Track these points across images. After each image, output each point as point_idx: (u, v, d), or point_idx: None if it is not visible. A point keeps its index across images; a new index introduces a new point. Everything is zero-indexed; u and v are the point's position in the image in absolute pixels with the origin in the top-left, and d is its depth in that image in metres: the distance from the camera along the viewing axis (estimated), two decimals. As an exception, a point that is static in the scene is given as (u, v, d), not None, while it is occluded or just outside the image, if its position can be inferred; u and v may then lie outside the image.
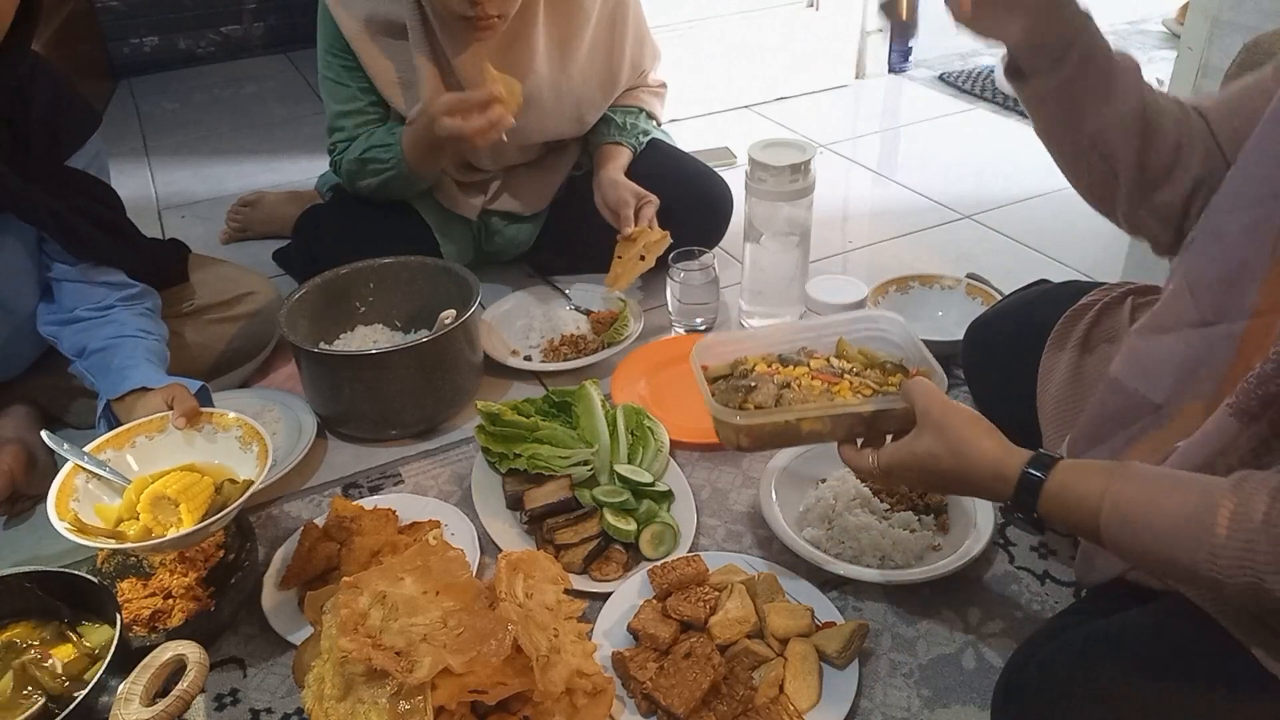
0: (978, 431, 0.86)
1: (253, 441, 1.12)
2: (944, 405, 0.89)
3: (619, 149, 1.73)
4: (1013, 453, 0.83)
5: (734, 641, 1.00)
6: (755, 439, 1.00)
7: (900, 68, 3.02)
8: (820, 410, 0.97)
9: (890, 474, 0.93)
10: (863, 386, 1.01)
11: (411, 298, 1.57)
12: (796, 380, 1.02)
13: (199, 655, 1.02)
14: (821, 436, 0.99)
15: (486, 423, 1.31)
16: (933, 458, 0.87)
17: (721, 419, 0.98)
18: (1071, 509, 0.78)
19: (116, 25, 3.29)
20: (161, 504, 1.06)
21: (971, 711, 0.98)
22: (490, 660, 0.86)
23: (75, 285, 1.31)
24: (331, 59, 1.58)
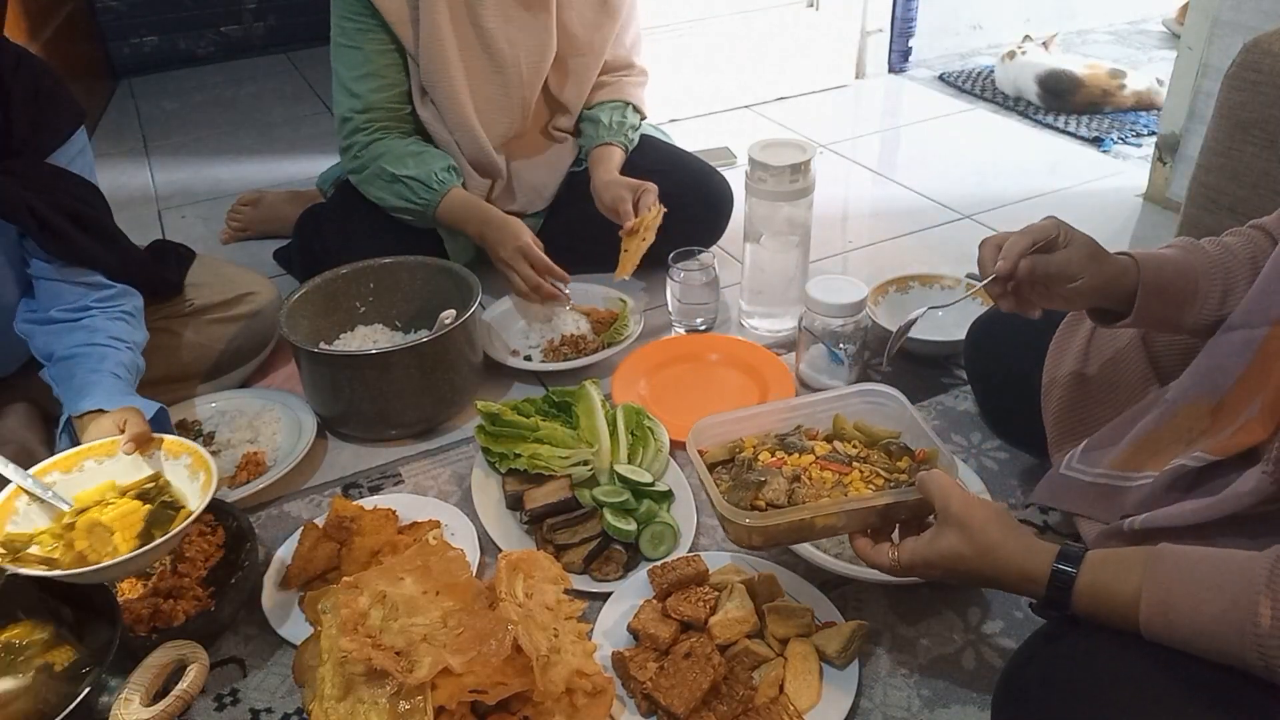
0: (1002, 529, 0.84)
1: (200, 471, 1.10)
2: (964, 502, 0.87)
3: (609, 150, 1.73)
4: (1037, 550, 0.81)
5: (734, 641, 1.00)
6: (768, 539, 0.97)
7: (900, 68, 3.02)
8: (835, 506, 0.95)
9: (912, 570, 0.91)
10: (873, 476, 1.00)
11: (411, 298, 1.57)
12: (806, 472, 1.00)
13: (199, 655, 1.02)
14: (834, 530, 0.98)
15: (486, 423, 1.31)
16: (958, 558, 0.85)
17: (733, 520, 0.94)
18: (1105, 605, 0.76)
19: (116, 25, 3.30)
20: (97, 531, 1.03)
21: (971, 711, 0.98)
22: (490, 660, 0.86)
23: (52, 284, 1.28)
24: (346, 24, 1.59)
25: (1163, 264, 0.95)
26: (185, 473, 1.12)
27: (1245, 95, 1.44)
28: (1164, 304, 0.95)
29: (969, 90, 2.84)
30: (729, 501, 0.97)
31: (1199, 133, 1.65)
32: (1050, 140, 2.50)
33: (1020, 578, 0.81)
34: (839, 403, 1.11)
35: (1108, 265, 0.94)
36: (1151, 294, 0.94)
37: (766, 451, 1.04)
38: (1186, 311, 0.95)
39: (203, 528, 1.17)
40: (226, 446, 1.40)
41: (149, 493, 1.10)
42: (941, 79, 2.95)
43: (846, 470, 1.00)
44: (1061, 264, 0.93)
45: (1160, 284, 0.94)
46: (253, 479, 1.32)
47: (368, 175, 1.64)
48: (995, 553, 0.83)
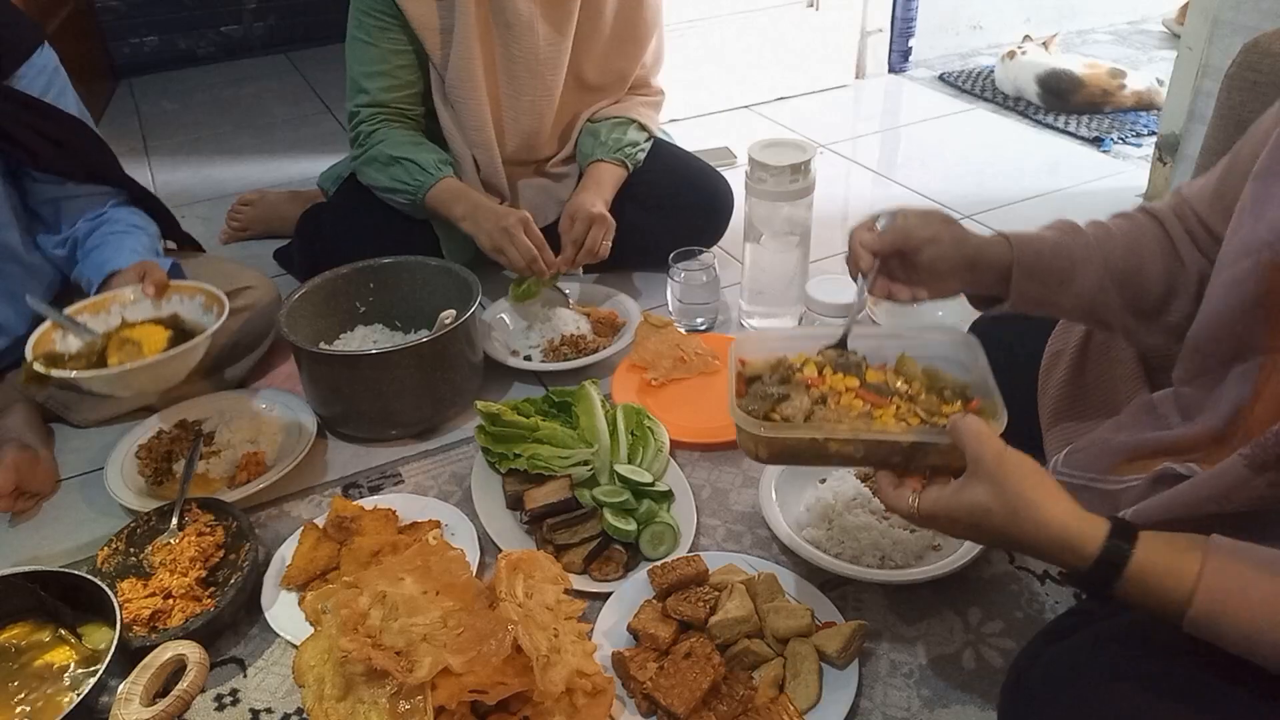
0: (1042, 490, 0.76)
1: (213, 305, 1.24)
2: (999, 454, 0.78)
3: (599, 167, 1.70)
4: (1087, 521, 0.74)
5: (734, 641, 1.00)
6: (775, 453, 0.92)
7: (900, 68, 3.02)
8: (851, 433, 0.88)
9: (932, 521, 0.83)
10: (910, 414, 0.91)
11: (411, 298, 1.57)
12: (836, 395, 0.93)
13: (199, 655, 1.03)
14: (851, 460, 0.90)
15: (486, 423, 1.31)
16: (984, 513, 0.77)
17: (744, 427, 0.91)
18: (1154, 589, 0.70)
19: (116, 25, 3.30)
20: (126, 346, 1.17)
21: (971, 711, 0.98)
22: (490, 660, 0.86)
23: (67, 202, 1.37)
24: (365, 19, 1.59)
25: (1039, 244, 0.95)
26: (200, 309, 1.24)
27: (1245, 95, 1.44)
28: (1041, 285, 0.94)
29: (969, 90, 2.84)
30: (742, 408, 0.92)
31: (1199, 133, 1.66)
32: (1050, 140, 2.50)
33: (1058, 546, 0.74)
34: (913, 340, 1.01)
35: (969, 236, 0.95)
36: (1027, 274, 0.93)
37: (813, 366, 0.97)
38: (1064, 293, 0.95)
39: (202, 528, 1.17)
40: (226, 446, 1.40)
41: (169, 322, 1.23)
42: (941, 79, 2.95)
43: (882, 403, 0.92)
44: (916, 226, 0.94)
45: (1036, 265, 0.94)
46: (253, 479, 1.32)
47: (366, 158, 1.64)
48: (1029, 514, 0.75)
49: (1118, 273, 0.94)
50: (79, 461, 1.43)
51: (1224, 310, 0.82)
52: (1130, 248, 0.95)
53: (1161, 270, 0.94)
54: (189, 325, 1.23)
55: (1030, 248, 0.95)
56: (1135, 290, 0.94)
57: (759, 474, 1.27)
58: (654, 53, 1.78)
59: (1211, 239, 0.92)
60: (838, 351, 0.98)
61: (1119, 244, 0.95)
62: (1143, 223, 0.97)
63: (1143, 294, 0.94)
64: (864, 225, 0.98)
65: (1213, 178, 0.93)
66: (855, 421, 0.90)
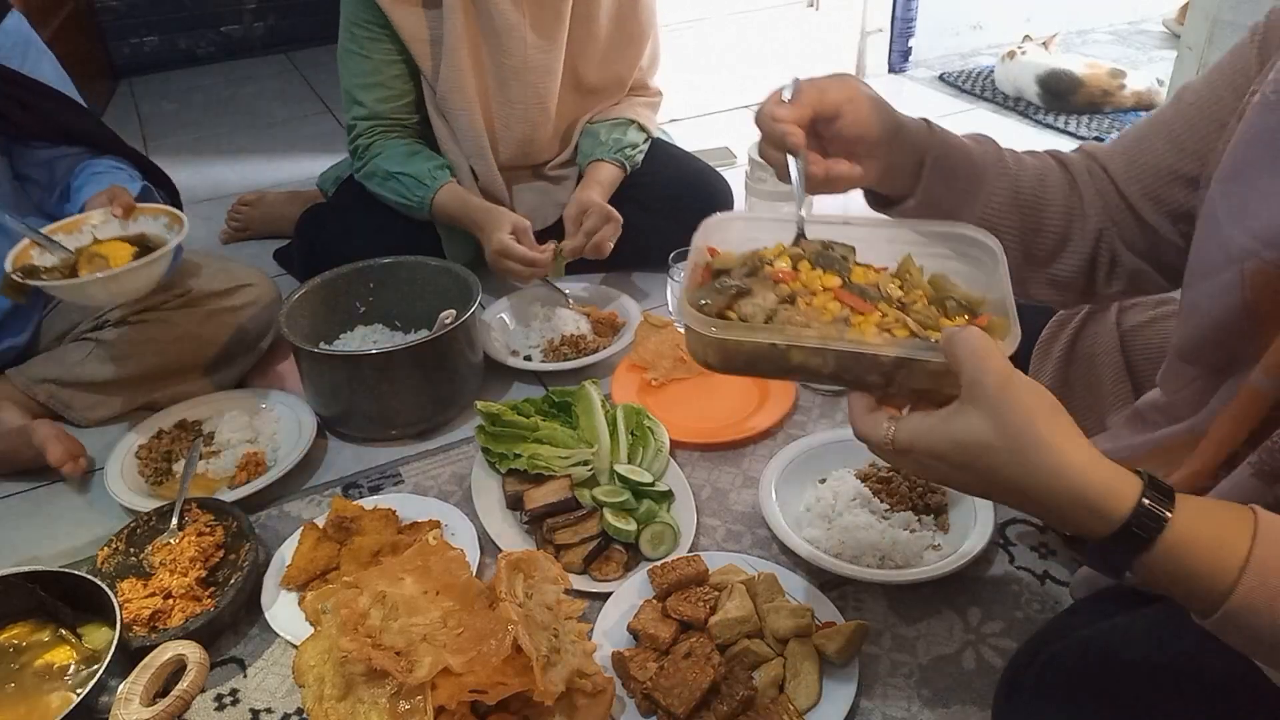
0: (1058, 428, 0.60)
1: (175, 225, 1.32)
2: (1005, 377, 0.61)
3: (600, 166, 1.71)
4: (1115, 472, 0.59)
5: (734, 641, 1.00)
6: (727, 359, 0.76)
7: (900, 68, 3.02)
8: (819, 341, 0.71)
9: (908, 455, 0.67)
10: (897, 324, 0.74)
11: (411, 298, 1.57)
12: (808, 295, 0.77)
13: (199, 655, 1.03)
14: (818, 374, 0.74)
15: (486, 423, 1.31)
16: (980, 449, 0.61)
17: (692, 325, 0.75)
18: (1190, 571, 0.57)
19: (116, 25, 3.30)
20: (95, 260, 1.25)
21: (971, 711, 0.98)
22: (490, 660, 0.86)
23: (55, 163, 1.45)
24: (356, 30, 1.59)
25: (956, 143, 0.89)
26: (164, 228, 1.32)
27: (1245, 95, 1.44)
28: (948, 188, 0.87)
29: (969, 90, 2.84)
30: (693, 303, 0.76)
31: (1199, 133, 1.65)
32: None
33: (1075, 501, 0.59)
34: (922, 241, 0.84)
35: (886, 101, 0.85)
36: (938, 170, 0.86)
37: (788, 259, 0.80)
38: (968, 204, 0.88)
39: (202, 528, 1.17)
40: (226, 446, 1.40)
41: (135, 240, 1.30)
42: (941, 79, 2.95)
43: (863, 308, 0.75)
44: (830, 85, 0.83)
45: (949, 163, 0.87)
46: (253, 479, 1.32)
47: (365, 174, 1.67)
48: (1040, 457, 0.59)
49: (1023, 203, 0.89)
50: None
51: (1211, 322, 0.76)
52: (1039, 181, 0.90)
53: (1062, 213, 0.89)
54: (154, 242, 1.30)
55: (947, 143, 0.88)
56: (1034, 227, 0.89)
57: (759, 474, 1.27)
58: (650, 55, 1.78)
59: (1122, 202, 0.89)
60: (822, 243, 0.81)
61: (1029, 174, 0.90)
62: (1051, 164, 0.93)
63: (1040, 233, 0.90)
64: (770, 101, 0.84)
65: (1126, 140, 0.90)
66: (827, 327, 0.73)
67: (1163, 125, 0.86)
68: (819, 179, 0.82)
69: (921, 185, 0.86)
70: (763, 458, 1.32)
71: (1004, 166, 0.89)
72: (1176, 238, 0.87)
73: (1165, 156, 0.85)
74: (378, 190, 1.66)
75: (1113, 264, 0.91)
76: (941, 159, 0.86)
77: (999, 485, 0.62)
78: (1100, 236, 0.89)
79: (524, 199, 1.77)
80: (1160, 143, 0.86)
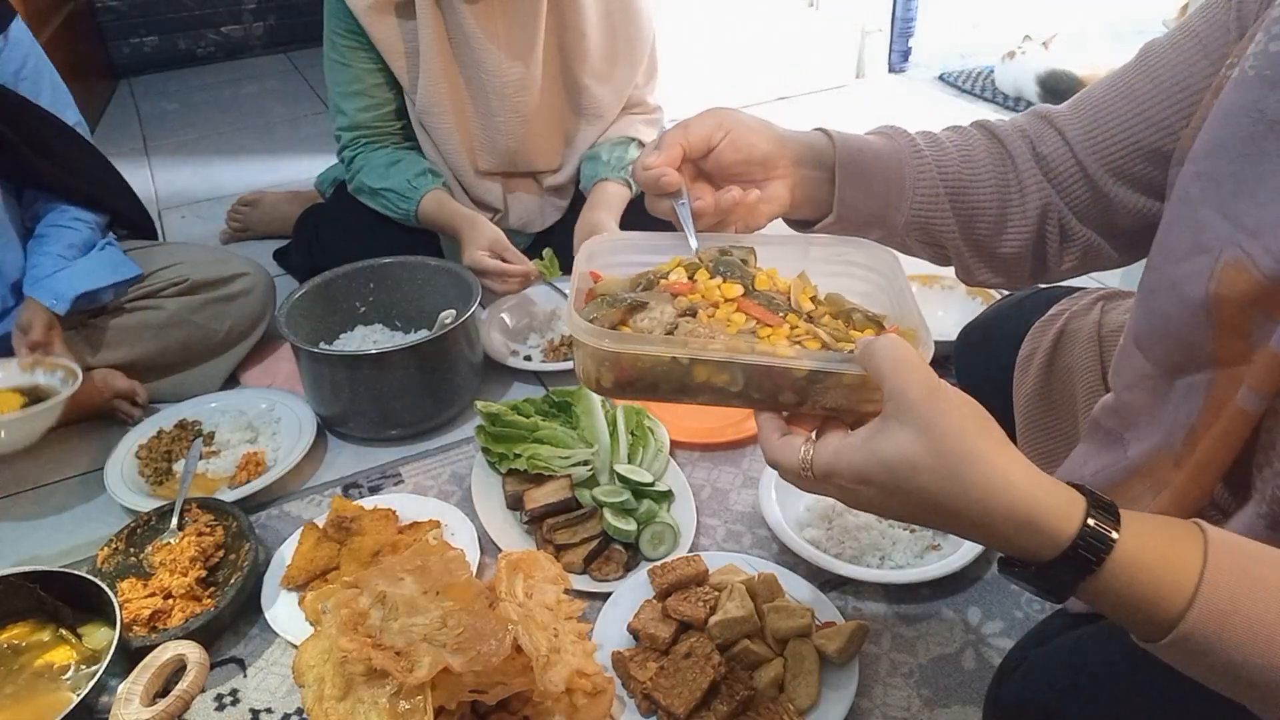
0: (991, 441, 0.55)
1: (69, 378, 1.33)
2: (931, 388, 0.56)
3: (606, 186, 1.69)
4: (1055, 489, 0.55)
5: (734, 641, 1.00)
6: (623, 378, 0.68)
7: (900, 68, 3.02)
8: (726, 354, 0.65)
9: (829, 481, 0.60)
10: (809, 337, 0.68)
11: (411, 298, 1.57)
12: (710, 307, 0.71)
13: (199, 655, 1.03)
14: (724, 394, 0.67)
15: (486, 423, 1.31)
16: (907, 469, 0.55)
17: (583, 340, 0.67)
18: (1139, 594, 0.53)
19: (116, 25, 3.30)
20: None
21: (971, 711, 0.98)
22: (490, 660, 0.86)
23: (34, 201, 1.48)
24: (337, 40, 1.59)
25: (863, 144, 0.81)
26: (58, 381, 1.33)
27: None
28: (868, 193, 0.80)
29: (969, 90, 2.84)
30: (582, 315, 0.69)
31: (1199, 133, 1.65)
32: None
33: (1014, 522, 0.54)
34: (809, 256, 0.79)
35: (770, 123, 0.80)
36: (853, 177, 0.79)
37: (682, 270, 0.75)
38: (895, 205, 0.81)
39: (202, 528, 1.17)
40: (226, 446, 1.40)
41: (28, 390, 1.33)
42: (941, 79, 2.95)
43: (771, 320, 0.70)
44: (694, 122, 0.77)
45: (862, 165, 0.80)
46: (253, 479, 1.32)
47: (354, 189, 1.69)
48: (975, 473, 0.54)
49: (952, 186, 0.81)
50: (79, 461, 1.43)
51: (1171, 312, 0.69)
52: (964, 162, 0.83)
53: (995, 191, 0.82)
54: (45, 393, 1.33)
55: (852, 147, 0.80)
56: (969, 209, 0.82)
57: (759, 474, 1.27)
58: (647, 71, 1.77)
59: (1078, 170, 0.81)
60: (719, 249, 0.76)
61: (952, 157, 0.82)
62: (976, 137, 0.85)
63: (976, 214, 0.83)
64: (641, 158, 0.79)
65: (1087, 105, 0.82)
66: (735, 340, 0.67)
67: (1127, 91, 0.79)
68: (710, 211, 0.77)
69: (837, 197, 0.80)
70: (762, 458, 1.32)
71: (921, 157, 0.82)
72: (1136, 208, 0.81)
73: (1130, 127, 0.78)
74: (369, 204, 1.68)
75: (1063, 239, 0.85)
76: (850, 165, 0.80)
77: (930, 507, 0.56)
78: (1045, 212, 0.83)
79: (521, 202, 1.76)
80: (1124, 112, 0.78)
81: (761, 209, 0.78)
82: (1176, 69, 0.75)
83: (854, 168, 0.80)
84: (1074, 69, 2.61)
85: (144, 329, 1.49)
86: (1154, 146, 0.77)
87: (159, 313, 1.50)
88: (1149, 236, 0.76)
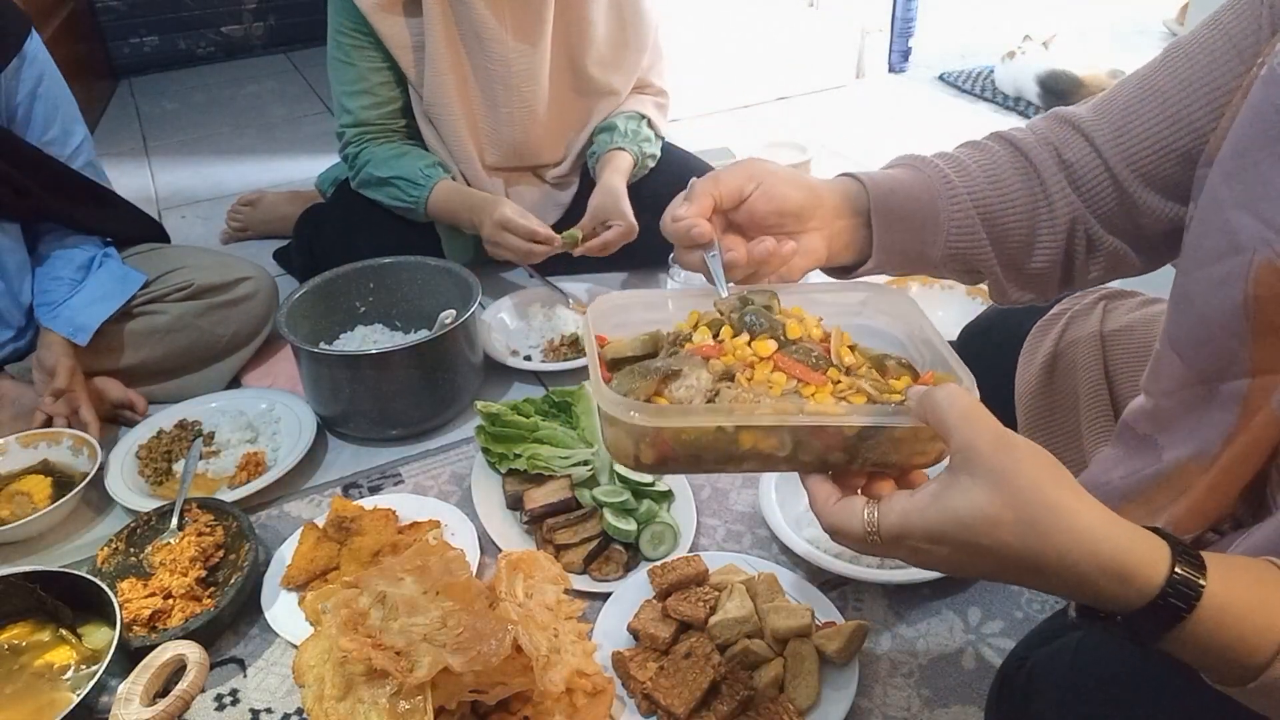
0: (1069, 490, 0.53)
1: (82, 446, 1.35)
2: (1000, 437, 0.55)
3: (620, 156, 1.70)
4: (1139, 536, 0.53)
5: (734, 641, 1.00)
6: (666, 453, 0.64)
7: (900, 68, 3.02)
8: (776, 418, 0.62)
9: (900, 544, 0.58)
10: (852, 391, 0.65)
11: (411, 298, 1.57)
12: (747, 369, 0.67)
13: (199, 655, 1.03)
14: (772, 459, 0.65)
15: (486, 423, 1.31)
16: (987, 525, 0.53)
17: (616, 416, 0.62)
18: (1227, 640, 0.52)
19: (116, 25, 3.30)
20: (17, 498, 1.29)
21: (972, 711, 0.98)
22: (490, 660, 0.86)
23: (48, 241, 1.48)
24: (341, 38, 1.59)
25: (893, 183, 0.80)
26: (68, 452, 1.35)
27: (1245, 95, 1.43)
28: (906, 231, 0.79)
29: (969, 90, 2.84)
30: (616, 390, 0.65)
31: (1199, 133, 1.65)
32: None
33: (1099, 571, 0.52)
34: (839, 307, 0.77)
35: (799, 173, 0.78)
36: (888, 220, 0.78)
37: (705, 328, 0.71)
38: (933, 239, 0.80)
39: (202, 528, 1.17)
40: (226, 446, 1.40)
41: (43, 469, 1.35)
42: (941, 79, 2.95)
43: (814, 378, 0.66)
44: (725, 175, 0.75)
45: (896, 206, 0.79)
46: (253, 479, 1.32)
47: (359, 182, 1.68)
48: (1055, 521, 0.52)
49: (984, 213, 0.80)
50: (79, 461, 1.43)
51: (1208, 315, 0.69)
52: (992, 185, 0.81)
53: (1025, 212, 0.80)
54: (59, 469, 1.35)
55: (883, 187, 0.79)
56: (1001, 231, 0.81)
57: (759, 474, 1.27)
58: (652, 55, 1.78)
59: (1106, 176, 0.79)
60: (739, 298, 0.72)
61: (979, 182, 0.81)
62: (999, 155, 0.83)
63: (1007, 235, 0.81)
64: (668, 209, 0.77)
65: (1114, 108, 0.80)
66: (781, 402, 0.64)
67: (1155, 93, 0.77)
68: (743, 263, 0.74)
69: (876, 243, 0.79)
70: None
71: (952, 189, 0.81)
72: (1164, 213, 0.79)
73: (1158, 129, 0.76)
74: (374, 197, 1.67)
75: (1090, 249, 0.84)
76: (885, 210, 0.79)
77: (1011, 563, 0.54)
78: (1073, 225, 0.82)
79: (522, 197, 1.76)
80: (1152, 114, 0.77)
81: (797, 262, 0.76)
82: (1207, 69, 0.73)
83: (889, 213, 0.79)
84: (1074, 69, 2.60)
85: (148, 334, 1.49)
86: (1184, 149, 0.76)
87: (163, 317, 1.50)
88: (1174, 243, 0.75)
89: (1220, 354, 0.68)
